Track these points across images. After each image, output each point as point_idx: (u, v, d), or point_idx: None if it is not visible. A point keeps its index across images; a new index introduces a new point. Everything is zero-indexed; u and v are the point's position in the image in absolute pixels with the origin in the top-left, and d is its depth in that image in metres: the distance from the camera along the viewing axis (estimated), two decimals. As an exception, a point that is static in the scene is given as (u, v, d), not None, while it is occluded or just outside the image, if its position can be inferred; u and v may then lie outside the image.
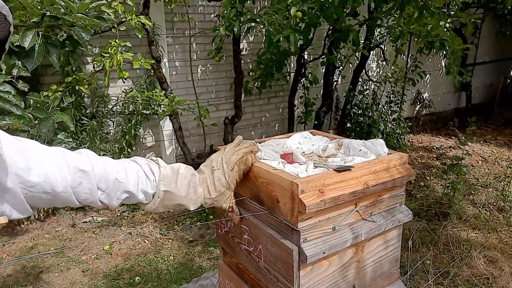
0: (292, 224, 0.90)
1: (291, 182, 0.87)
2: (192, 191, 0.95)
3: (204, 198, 0.96)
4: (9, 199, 0.74)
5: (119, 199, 0.88)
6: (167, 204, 0.93)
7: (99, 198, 0.85)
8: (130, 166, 0.90)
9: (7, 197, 0.74)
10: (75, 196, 0.81)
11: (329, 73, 4.79)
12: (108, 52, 2.96)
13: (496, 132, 6.38)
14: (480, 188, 4.09)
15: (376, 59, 5.72)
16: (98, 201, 0.86)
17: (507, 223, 3.24)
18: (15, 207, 0.75)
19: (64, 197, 0.80)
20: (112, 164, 0.88)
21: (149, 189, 0.90)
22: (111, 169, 0.86)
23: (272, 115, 5.15)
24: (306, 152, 1.22)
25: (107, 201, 0.87)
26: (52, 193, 0.78)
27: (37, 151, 0.78)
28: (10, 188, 0.73)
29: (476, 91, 7.20)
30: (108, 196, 0.86)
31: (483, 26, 6.48)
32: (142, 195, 0.90)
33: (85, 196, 0.83)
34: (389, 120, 5.00)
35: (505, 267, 2.62)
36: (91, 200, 0.84)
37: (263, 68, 4.10)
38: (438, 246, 2.92)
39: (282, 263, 0.94)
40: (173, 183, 0.92)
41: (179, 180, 0.93)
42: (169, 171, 0.93)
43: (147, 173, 0.91)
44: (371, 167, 0.99)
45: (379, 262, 1.11)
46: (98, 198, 0.85)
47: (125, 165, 0.90)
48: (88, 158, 0.84)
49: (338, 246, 0.95)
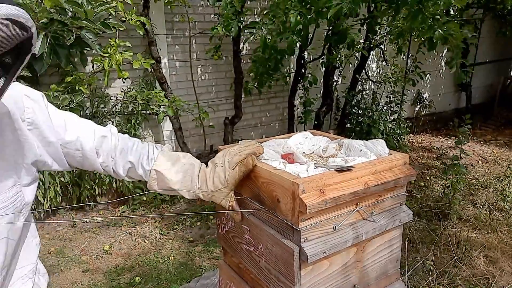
0: (293, 224, 0.90)
1: (292, 182, 0.87)
2: (188, 179, 1.00)
3: (201, 189, 0.99)
4: (51, 152, 0.94)
5: (124, 168, 1.01)
6: (161, 185, 1.01)
7: (111, 166, 1.01)
8: (140, 144, 1.05)
9: (50, 150, 0.94)
10: (97, 157, 0.99)
11: (329, 73, 4.79)
12: (108, 52, 2.96)
13: (496, 132, 6.38)
14: (480, 188, 4.09)
15: (376, 59, 5.72)
16: (112, 168, 1.01)
17: (507, 223, 3.25)
18: (56, 159, 0.96)
19: (90, 158, 0.98)
20: (126, 138, 1.05)
21: (145, 165, 1.01)
22: (123, 142, 1.03)
23: (272, 115, 5.15)
24: (307, 152, 1.22)
25: (116, 168, 1.02)
26: (82, 151, 0.97)
27: (73, 117, 1.00)
28: (52, 142, 0.93)
29: (476, 91, 7.20)
30: (116, 164, 1.01)
31: (483, 26, 6.48)
32: (141, 170, 1.01)
33: (102, 159, 1.00)
34: (389, 120, 5.00)
35: (505, 267, 2.62)
36: (107, 165, 1.01)
37: (259, 67, 4.07)
38: (438, 246, 2.92)
39: (283, 263, 0.94)
40: (168, 166, 1.00)
41: (176, 166, 1.01)
42: (168, 156, 1.02)
43: (149, 152, 1.02)
44: (372, 167, 0.99)
45: (380, 262, 1.11)
46: (111, 166, 1.01)
47: (136, 141, 1.05)
48: (109, 129, 1.03)
49: (339, 246, 0.95)
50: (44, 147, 0.93)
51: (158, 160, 1.01)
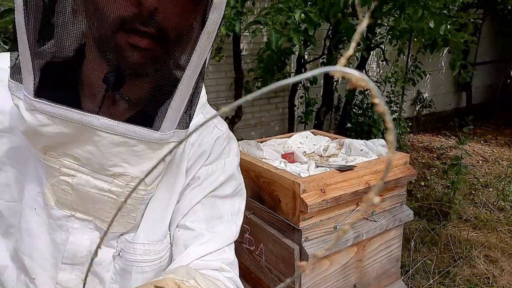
0: (294, 223, 0.90)
1: (293, 182, 0.87)
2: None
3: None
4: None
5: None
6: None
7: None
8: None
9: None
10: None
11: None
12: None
13: (496, 132, 6.38)
14: (480, 187, 4.09)
15: (376, 59, 5.72)
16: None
17: (508, 222, 3.25)
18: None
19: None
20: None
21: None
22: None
23: (272, 115, 5.14)
24: (308, 151, 1.22)
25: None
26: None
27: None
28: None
29: (476, 91, 7.20)
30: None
31: (483, 26, 6.48)
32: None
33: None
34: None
35: (506, 267, 2.62)
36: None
37: (264, 66, 4.08)
38: (438, 246, 2.92)
39: (284, 262, 0.94)
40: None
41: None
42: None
43: None
44: (373, 167, 0.99)
45: (380, 261, 1.11)
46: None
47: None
48: (232, 276, 0.69)
49: (340, 246, 0.95)
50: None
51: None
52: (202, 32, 0.54)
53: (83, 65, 0.60)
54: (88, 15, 0.55)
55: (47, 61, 0.57)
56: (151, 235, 0.67)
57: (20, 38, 0.52)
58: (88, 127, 0.53)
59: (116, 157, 0.56)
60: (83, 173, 0.58)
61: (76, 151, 0.56)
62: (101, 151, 0.55)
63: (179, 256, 0.66)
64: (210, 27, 0.54)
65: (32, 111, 0.53)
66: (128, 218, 0.64)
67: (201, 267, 0.65)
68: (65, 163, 0.57)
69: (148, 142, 0.56)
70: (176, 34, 0.58)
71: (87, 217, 0.62)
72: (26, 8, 0.51)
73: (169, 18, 0.56)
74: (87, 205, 0.61)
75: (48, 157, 0.57)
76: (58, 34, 0.56)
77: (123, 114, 0.61)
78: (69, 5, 0.55)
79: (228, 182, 0.73)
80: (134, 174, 0.58)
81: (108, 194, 0.59)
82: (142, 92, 0.62)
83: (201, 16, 0.57)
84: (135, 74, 0.58)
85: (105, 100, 0.58)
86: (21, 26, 0.51)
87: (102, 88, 0.57)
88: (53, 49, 0.58)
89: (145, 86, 0.62)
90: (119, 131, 0.54)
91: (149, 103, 0.60)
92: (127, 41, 0.54)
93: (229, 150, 0.75)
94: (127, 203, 0.62)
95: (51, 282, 0.64)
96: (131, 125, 0.54)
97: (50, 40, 0.57)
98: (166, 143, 0.58)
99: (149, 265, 0.66)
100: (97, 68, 0.57)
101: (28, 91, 0.53)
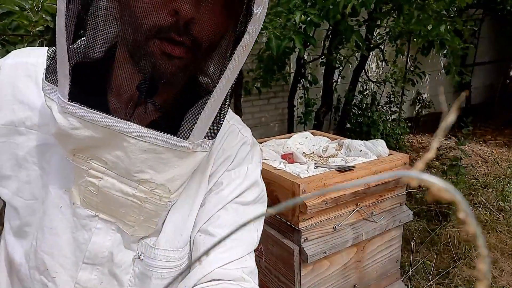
0: (293, 224, 0.90)
1: (292, 182, 0.87)
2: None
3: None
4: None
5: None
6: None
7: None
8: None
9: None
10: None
11: (329, 74, 4.79)
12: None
13: (496, 132, 6.38)
14: (480, 188, 4.09)
15: (376, 60, 5.73)
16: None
17: (507, 223, 3.25)
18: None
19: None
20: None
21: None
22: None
23: (271, 116, 5.15)
24: (307, 152, 1.22)
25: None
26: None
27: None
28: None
29: (476, 91, 7.20)
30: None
31: (483, 26, 6.48)
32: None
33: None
34: (389, 121, 5.00)
35: (505, 267, 2.62)
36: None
37: (264, 66, 4.08)
38: (438, 246, 2.92)
39: (283, 263, 0.94)
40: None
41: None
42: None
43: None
44: (372, 168, 0.99)
45: (380, 262, 1.11)
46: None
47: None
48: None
49: (339, 246, 0.95)
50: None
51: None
52: (238, 45, 0.54)
53: (116, 71, 0.61)
54: (125, 23, 0.56)
55: (82, 66, 0.58)
56: (172, 241, 0.67)
57: (59, 42, 0.52)
58: (118, 133, 0.54)
59: (143, 164, 0.57)
60: (110, 176, 0.58)
61: (105, 155, 0.56)
62: (129, 156, 0.56)
63: (199, 265, 0.66)
64: (247, 40, 0.54)
65: (65, 114, 0.53)
66: (150, 223, 0.64)
67: (222, 277, 0.64)
68: (93, 165, 0.57)
69: (175, 151, 0.56)
70: (211, 45, 0.58)
71: (111, 219, 0.63)
72: (68, 13, 0.51)
73: (205, 29, 0.56)
74: (111, 207, 0.61)
75: (77, 159, 0.57)
76: (95, 40, 0.58)
77: (152, 121, 0.61)
78: (108, 12, 0.56)
79: (251, 189, 0.72)
80: (159, 181, 0.59)
81: (132, 199, 0.60)
82: (173, 101, 0.63)
83: (239, 28, 0.57)
84: (168, 82, 0.58)
85: (136, 107, 0.59)
86: (62, 30, 0.51)
87: (135, 94, 0.58)
88: (89, 54, 0.59)
89: (177, 95, 0.63)
90: (148, 138, 0.54)
91: (179, 112, 0.60)
92: (161, 49, 0.55)
93: (252, 156, 0.74)
94: (149, 208, 0.62)
95: (71, 281, 0.64)
96: (160, 132, 0.55)
97: (86, 45, 0.58)
98: (193, 152, 0.58)
99: (169, 271, 0.66)
100: (130, 75, 0.58)
101: (62, 94, 0.53)
